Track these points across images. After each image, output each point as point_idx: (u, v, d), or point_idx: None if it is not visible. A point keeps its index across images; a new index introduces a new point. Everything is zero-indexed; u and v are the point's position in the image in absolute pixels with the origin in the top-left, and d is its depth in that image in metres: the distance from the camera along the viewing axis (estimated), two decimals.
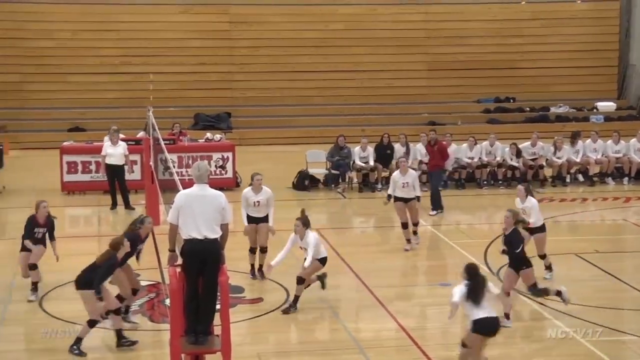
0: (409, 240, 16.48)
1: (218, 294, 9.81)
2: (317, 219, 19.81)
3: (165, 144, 18.69)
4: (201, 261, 9.84)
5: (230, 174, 21.96)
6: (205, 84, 30.79)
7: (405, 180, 16.37)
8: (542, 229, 14.43)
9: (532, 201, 14.40)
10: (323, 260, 13.25)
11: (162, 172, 19.36)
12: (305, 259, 13.01)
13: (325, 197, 21.47)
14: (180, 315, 9.76)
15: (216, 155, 22.01)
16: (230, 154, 22.13)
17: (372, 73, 31.44)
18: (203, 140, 22.89)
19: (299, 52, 31.30)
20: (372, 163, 22.26)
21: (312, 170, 22.55)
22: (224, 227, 10.05)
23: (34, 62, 29.96)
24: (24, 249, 13.61)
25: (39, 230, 13.64)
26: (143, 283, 14.10)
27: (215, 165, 21.93)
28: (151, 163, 18.35)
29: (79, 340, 11.53)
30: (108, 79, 30.22)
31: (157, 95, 25.20)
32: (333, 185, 22.25)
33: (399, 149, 22.22)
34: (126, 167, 19.99)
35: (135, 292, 12.73)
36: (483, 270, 12.55)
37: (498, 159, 22.74)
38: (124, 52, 30.40)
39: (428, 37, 32.17)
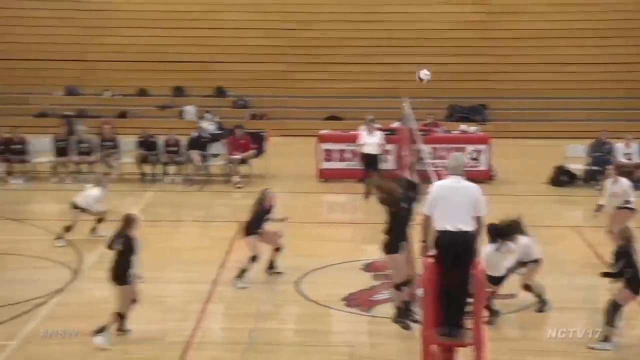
0: None
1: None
2: (571, 216, 19.25)
3: (420, 134, 18.73)
4: (455, 253, 9.78)
5: (484, 167, 21.69)
6: (461, 75, 30.56)
7: None
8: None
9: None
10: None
11: (415, 163, 19.45)
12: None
13: (584, 194, 20.69)
14: (433, 307, 9.73)
15: (470, 148, 21.81)
16: (484, 147, 21.85)
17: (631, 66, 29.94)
18: (457, 132, 22.75)
19: (563, 43, 30.35)
20: (636, 160, 21.23)
21: (570, 166, 21.82)
22: (480, 220, 9.93)
23: (298, 52, 31.02)
24: (252, 233, 13.87)
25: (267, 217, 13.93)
26: None
27: (469, 158, 21.72)
28: (406, 153, 18.47)
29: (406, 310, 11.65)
30: (367, 69, 30.74)
31: (414, 86, 25.27)
32: (593, 182, 21.40)
33: None
34: (381, 157, 20.23)
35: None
36: None
37: None
38: (384, 43, 30.78)
39: None
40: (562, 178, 21.50)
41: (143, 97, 31.09)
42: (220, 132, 24.95)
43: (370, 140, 19.96)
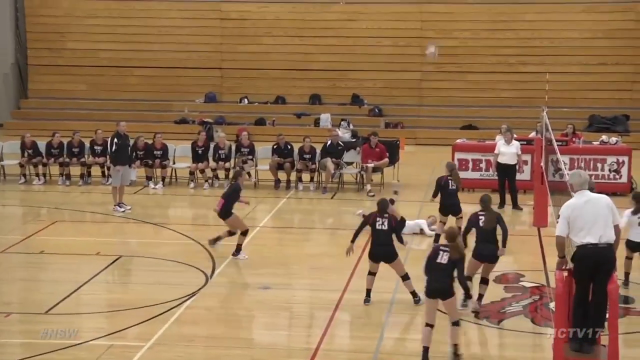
0: None
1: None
2: None
3: (557, 145, 18.28)
4: (594, 267, 9.56)
5: (624, 179, 20.96)
6: (603, 85, 29.72)
7: None
8: None
9: None
10: None
11: (552, 174, 18.99)
12: None
13: None
14: (565, 320, 9.48)
15: (610, 159, 21.12)
16: (626, 158, 21.14)
17: None
18: (598, 142, 22.12)
19: None
20: None
21: None
22: (616, 229, 9.70)
23: (434, 61, 30.83)
24: None
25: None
26: (527, 285, 13.94)
27: (610, 170, 21.06)
28: (542, 164, 18.05)
29: None
30: (504, 78, 30.28)
31: (553, 95, 24.73)
32: None
33: None
34: (517, 167, 19.82)
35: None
36: None
37: None
38: (522, 52, 30.25)
39: None
40: None
41: (280, 104, 31.55)
42: (354, 140, 25.03)
43: (507, 150, 19.57)
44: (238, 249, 15.27)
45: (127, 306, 12.77)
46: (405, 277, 12.96)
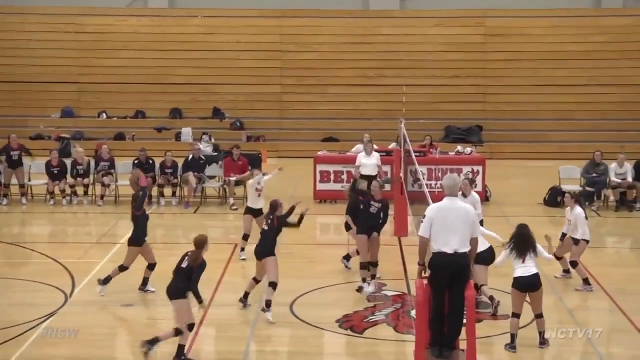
0: None
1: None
2: None
3: (415, 155, 18.71)
4: (450, 275, 9.78)
5: (479, 188, 21.60)
6: (457, 97, 30.64)
7: None
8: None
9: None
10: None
11: (411, 184, 19.42)
12: None
13: None
14: (426, 327, 9.69)
15: (466, 169, 21.76)
16: (480, 168, 21.82)
17: (635, 87, 30.02)
18: (453, 152, 22.74)
19: (558, 65, 30.42)
20: (630, 180, 21.19)
21: (565, 187, 21.77)
22: (473, 241, 9.94)
23: (294, 74, 31.09)
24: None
25: None
26: (389, 293, 14.19)
27: (465, 178, 21.64)
28: (401, 174, 18.42)
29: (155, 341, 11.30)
30: (363, 91, 30.80)
31: (410, 107, 25.33)
32: (587, 203, 21.32)
33: None
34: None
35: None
36: None
37: None
38: (380, 65, 30.85)
39: None
40: (557, 199, 21.43)
41: (140, 119, 31.10)
42: (216, 153, 24.93)
43: (368, 161, 19.88)
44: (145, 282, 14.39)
45: None
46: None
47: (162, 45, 31.08)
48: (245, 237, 16.06)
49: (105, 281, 13.85)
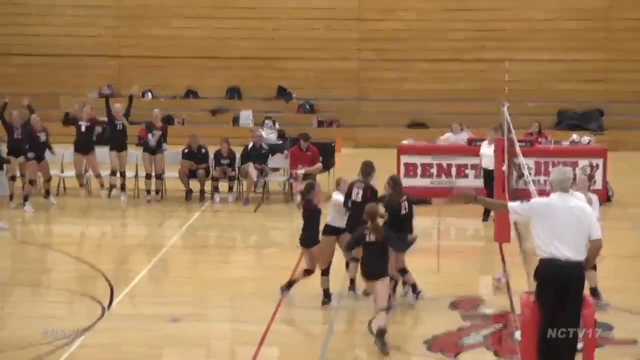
0: None
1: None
2: None
3: (520, 146, 18.53)
4: (562, 288, 9.63)
5: (599, 185, 21.31)
6: (573, 75, 30.34)
7: None
8: None
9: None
10: None
11: (514, 180, 19.19)
12: None
13: None
14: (533, 352, 9.59)
15: (583, 162, 21.46)
16: (600, 161, 21.56)
17: None
18: (567, 142, 22.54)
19: None
20: None
21: None
22: (594, 244, 9.77)
23: (375, 47, 31.04)
24: None
25: None
26: (487, 311, 14.05)
27: (582, 174, 21.37)
28: (504, 168, 18.22)
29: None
30: (457, 67, 30.64)
31: (514, 87, 25.10)
32: None
33: None
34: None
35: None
36: None
37: None
38: (477, 36, 30.66)
39: None
40: None
41: (192, 99, 31.43)
42: (281, 141, 25.03)
43: (489, 152, 19.41)
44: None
45: (3, 347, 12.48)
46: None
47: (218, 12, 31.35)
48: (326, 273, 14.18)
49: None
